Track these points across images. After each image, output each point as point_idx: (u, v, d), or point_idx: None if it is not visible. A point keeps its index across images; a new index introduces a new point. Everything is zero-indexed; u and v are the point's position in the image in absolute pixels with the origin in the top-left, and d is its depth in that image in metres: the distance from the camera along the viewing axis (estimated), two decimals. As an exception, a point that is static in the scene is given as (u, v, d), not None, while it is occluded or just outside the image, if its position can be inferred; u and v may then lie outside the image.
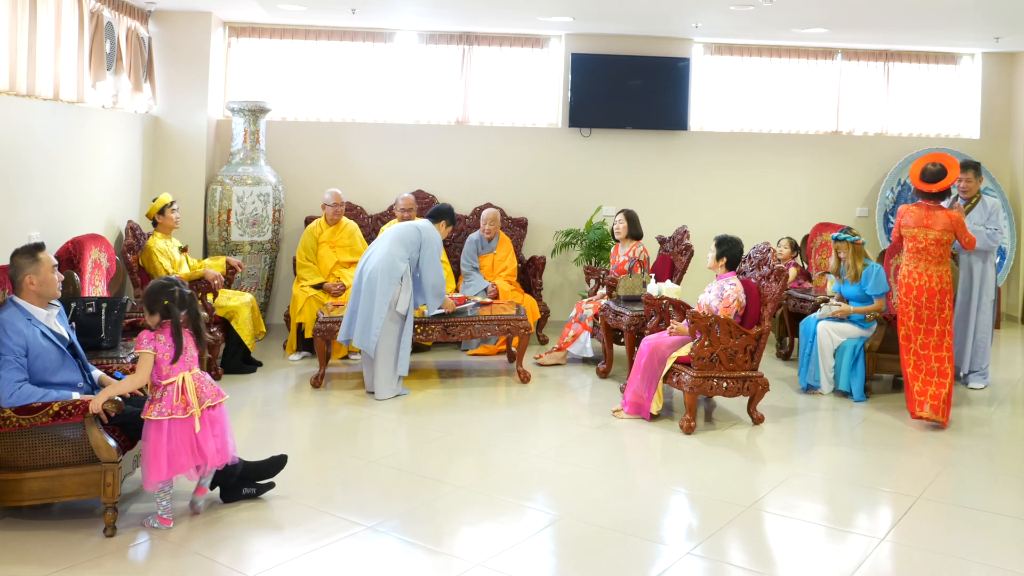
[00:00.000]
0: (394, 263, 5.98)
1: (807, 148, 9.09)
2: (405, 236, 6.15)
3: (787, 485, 4.60)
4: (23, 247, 4.02)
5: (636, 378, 5.68)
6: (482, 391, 6.43)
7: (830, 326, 6.28)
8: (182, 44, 7.72)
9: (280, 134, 8.21)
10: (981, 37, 8.42)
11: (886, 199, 9.13)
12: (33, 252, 3.99)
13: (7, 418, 3.72)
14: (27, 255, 3.97)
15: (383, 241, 6.17)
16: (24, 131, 5.16)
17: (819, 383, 6.27)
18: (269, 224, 7.74)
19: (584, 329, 7.07)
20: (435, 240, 6.24)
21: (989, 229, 6.50)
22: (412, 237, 6.15)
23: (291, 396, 6.12)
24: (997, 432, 5.70)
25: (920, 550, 3.90)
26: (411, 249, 6.10)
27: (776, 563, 3.75)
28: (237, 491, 4.17)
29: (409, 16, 7.97)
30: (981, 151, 9.23)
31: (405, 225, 6.31)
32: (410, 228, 6.23)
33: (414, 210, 7.56)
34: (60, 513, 4.06)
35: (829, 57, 9.17)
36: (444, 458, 4.95)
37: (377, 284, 5.91)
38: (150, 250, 6.39)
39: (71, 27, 5.82)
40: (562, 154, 8.66)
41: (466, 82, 8.59)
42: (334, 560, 3.66)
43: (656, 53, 8.64)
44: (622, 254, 7.19)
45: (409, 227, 6.25)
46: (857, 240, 6.40)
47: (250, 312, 6.61)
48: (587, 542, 3.89)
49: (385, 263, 5.96)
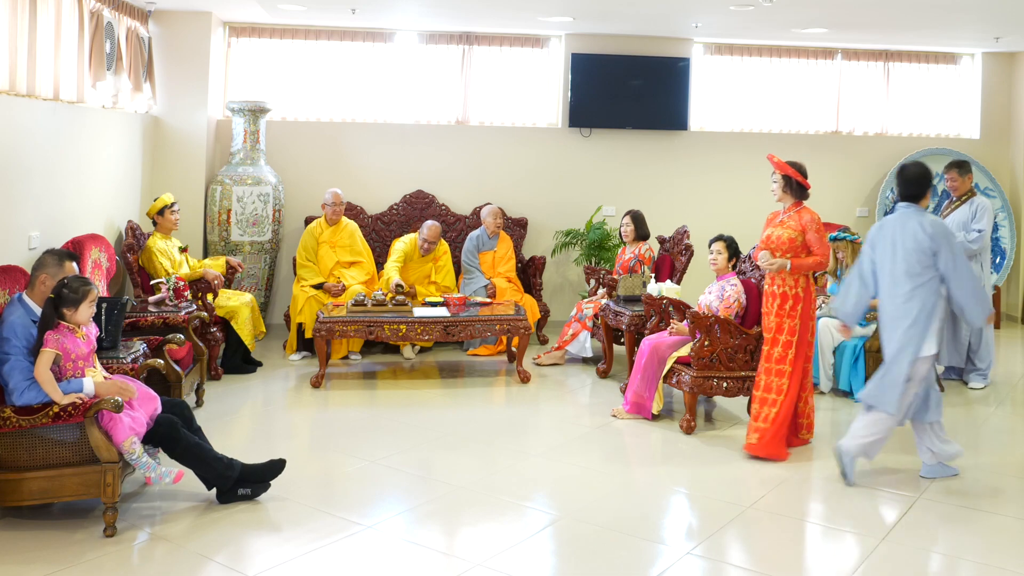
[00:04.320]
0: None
1: (807, 148, 9.07)
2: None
3: (787, 485, 4.60)
4: (58, 249, 4.18)
5: (636, 378, 5.68)
6: (482, 391, 6.44)
7: (831, 324, 6.28)
8: (182, 44, 7.72)
9: (280, 134, 8.21)
10: (981, 37, 8.42)
11: (886, 199, 9.13)
12: (63, 258, 4.13)
13: (7, 418, 3.72)
14: (55, 257, 4.11)
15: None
16: (24, 131, 5.16)
17: (819, 380, 6.28)
18: (269, 224, 7.74)
19: (583, 328, 7.07)
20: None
21: (971, 232, 6.50)
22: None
23: (291, 396, 6.12)
24: (997, 432, 5.70)
25: (920, 550, 3.90)
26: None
27: (776, 563, 3.75)
28: (233, 492, 4.16)
29: (409, 16, 7.97)
30: (981, 151, 9.23)
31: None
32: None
33: (438, 241, 7.48)
34: (60, 513, 4.06)
35: (829, 57, 9.17)
36: (444, 458, 4.95)
37: None
38: (150, 250, 6.39)
39: (71, 27, 5.82)
40: (562, 154, 8.65)
41: (466, 82, 8.59)
42: (334, 560, 3.66)
43: (656, 53, 8.63)
44: (628, 253, 7.20)
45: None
46: (855, 240, 6.41)
47: (250, 312, 6.61)
48: (587, 542, 3.89)
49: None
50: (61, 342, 3.88)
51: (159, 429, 4.02)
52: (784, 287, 5.02)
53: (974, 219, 6.57)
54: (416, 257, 7.44)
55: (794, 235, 5.01)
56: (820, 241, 5.00)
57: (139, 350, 4.97)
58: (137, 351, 4.94)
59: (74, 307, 3.95)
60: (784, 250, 5.01)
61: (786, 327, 5.00)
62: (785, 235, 5.03)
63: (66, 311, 3.93)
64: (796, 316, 4.99)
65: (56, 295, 3.93)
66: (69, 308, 3.94)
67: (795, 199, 5.09)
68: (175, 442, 4.04)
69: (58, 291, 3.94)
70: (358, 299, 6.50)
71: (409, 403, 5.97)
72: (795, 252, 5.01)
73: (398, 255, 7.32)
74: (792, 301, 5.00)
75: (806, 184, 5.09)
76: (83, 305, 3.97)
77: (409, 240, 7.45)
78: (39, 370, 3.81)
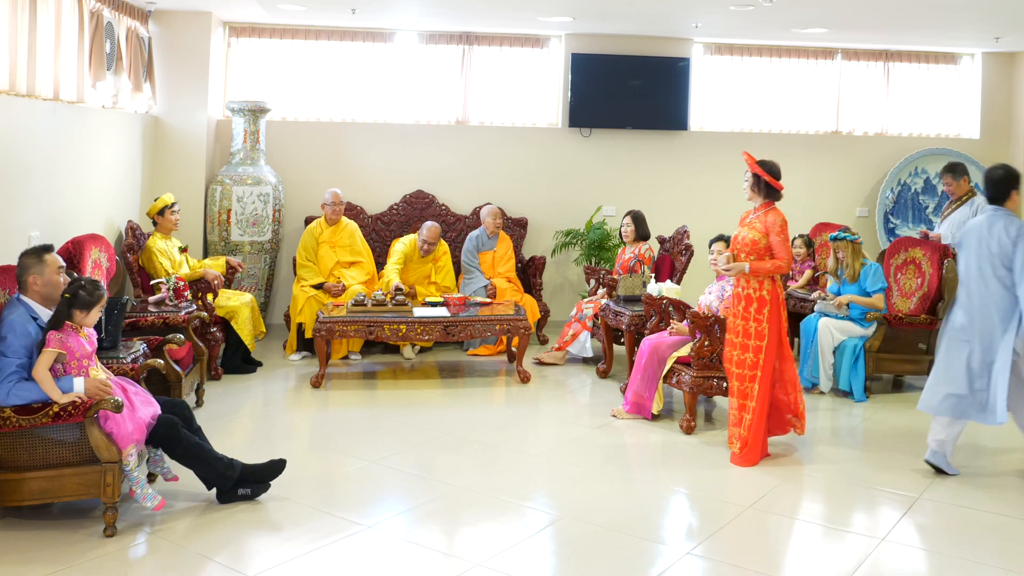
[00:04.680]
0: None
1: (807, 148, 9.09)
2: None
3: (787, 485, 4.60)
4: (32, 248, 4.09)
5: (636, 378, 5.68)
6: (482, 391, 6.44)
7: (831, 323, 6.28)
8: (182, 44, 7.72)
9: (280, 134, 8.21)
10: (981, 37, 8.42)
11: (886, 199, 9.13)
12: (40, 253, 4.05)
13: (7, 418, 3.72)
14: (34, 256, 4.03)
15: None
16: (24, 131, 5.16)
17: (819, 380, 6.27)
18: (269, 224, 7.74)
19: (584, 328, 7.07)
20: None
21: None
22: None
23: (291, 396, 6.12)
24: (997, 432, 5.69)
25: (920, 550, 3.90)
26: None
27: (776, 563, 3.75)
28: (233, 492, 4.16)
29: (409, 16, 7.97)
30: (981, 151, 9.23)
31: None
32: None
33: (438, 242, 7.48)
34: (60, 513, 4.06)
35: (829, 57, 9.17)
36: (444, 458, 4.95)
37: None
38: (150, 250, 6.39)
39: (71, 27, 5.82)
40: (562, 154, 8.65)
41: (466, 82, 8.59)
42: (334, 560, 3.66)
43: (656, 53, 8.63)
44: (628, 253, 7.20)
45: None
46: (855, 239, 6.41)
47: (250, 312, 6.61)
48: (587, 542, 3.89)
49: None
50: (65, 341, 3.88)
51: (159, 429, 4.02)
52: (749, 289, 4.92)
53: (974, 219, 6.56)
54: (416, 258, 7.44)
55: (757, 237, 4.91)
56: (782, 244, 4.87)
57: (139, 350, 4.97)
58: (137, 351, 4.94)
59: (87, 310, 3.95)
60: (747, 252, 4.91)
61: (753, 331, 4.89)
62: (749, 236, 4.94)
63: (78, 312, 3.93)
64: (764, 320, 4.87)
65: (72, 295, 3.92)
66: (82, 310, 3.94)
67: (764, 199, 4.99)
68: (175, 442, 4.04)
69: (74, 292, 3.93)
70: (358, 299, 6.51)
71: (409, 403, 5.97)
72: (758, 254, 4.90)
73: (398, 257, 7.32)
74: (758, 304, 4.89)
75: (775, 185, 4.95)
76: (95, 309, 3.99)
77: (408, 241, 7.45)
78: (39, 369, 3.80)
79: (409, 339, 6.38)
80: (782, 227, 4.89)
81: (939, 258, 6.45)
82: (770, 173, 4.95)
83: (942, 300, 6.42)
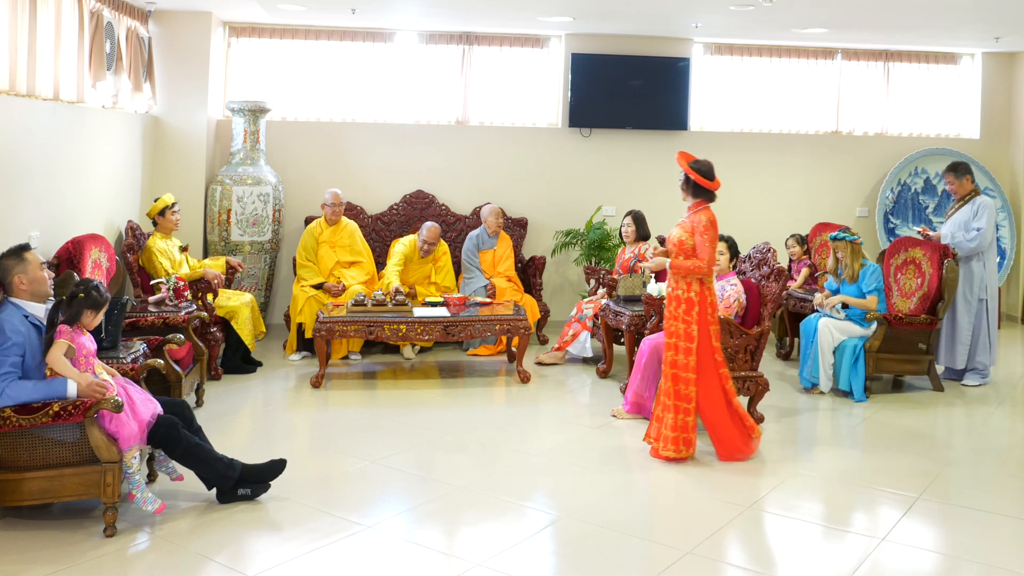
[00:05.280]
0: None
1: (807, 148, 9.09)
2: None
3: (787, 485, 4.60)
4: (8, 250, 4.05)
5: (636, 378, 5.67)
6: (482, 391, 6.44)
7: (831, 323, 6.28)
8: (182, 44, 7.72)
9: (280, 134, 8.21)
10: (981, 37, 8.42)
11: (886, 199, 9.13)
12: (19, 252, 4.04)
13: (7, 418, 3.72)
14: (13, 256, 4.02)
15: None
16: (24, 131, 5.16)
17: (819, 380, 6.27)
18: (269, 224, 7.74)
19: (584, 329, 7.07)
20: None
21: (971, 231, 6.50)
22: None
23: (291, 396, 6.12)
24: (997, 432, 5.70)
25: (920, 550, 3.90)
26: None
27: (776, 563, 3.75)
28: (233, 493, 4.16)
29: (409, 16, 7.97)
30: (981, 151, 9.23)
31: None
32: None
33: (437, 242, 7.48)
34: (60, 513, 4.06)
35: (829, 57, 9.17)
36: (444, 458, 4.95)
37: None
38: (150, 250, 6.39)
39: (71, 27, 5.82)
40: (562, 154, 8.66)
41: (466, 82, 8.59)
42: (334, 560, 3.66)
43: (656, 53, 8.64)
44: (628, 253, 7.20)
45: None
46: (855, 240, 6.41)
47: (250, 312, 6.61)
48: (587, 542, 3.89)
49: None
50: (74, 337, 3.89)
51: (159, 430, 4.02)
52: (678, 290, 4.89)
53: (975, 218, 6.57)
54: (416, 258, 7.44)
55: (684, 236, 4.88)
56: (704, 245, 4.80)
57: (139, 350, 4.97)
58: (137, 351, 4.94)
59: (97, 310, 3.97)
60: (676, 251, 4.89)
61: (681, 331, 4.85)
62: (677, 235, 4.92)
63: (88, 311, 3.94)
64: (692, 321, 4.82)
65: (85, 294, 3.92)
66: (91, 312, 3.95)
67: (696, 199, 4.94)
68: (175, 442, 4.04)
69: (87, 291, 3.93)
70: (358, 299, 6.51)
71: (409, 403, 5.96)
72: (685, 254, 4.85)
73: (398, 258, 7.32)
74: (686, 305, 4.85)
75: (705, 184, 4.85)
76: (101, 311, 4.02)
77: (408, 242, 7.45)
78: (54, 355, 3.82)
79: (409, 339, 6.38)
80: (707, 227, 4.82)
81: (939, 258, 6.45)
82: (700, 172, 4.88)
83: (942, 300, 6.42)
